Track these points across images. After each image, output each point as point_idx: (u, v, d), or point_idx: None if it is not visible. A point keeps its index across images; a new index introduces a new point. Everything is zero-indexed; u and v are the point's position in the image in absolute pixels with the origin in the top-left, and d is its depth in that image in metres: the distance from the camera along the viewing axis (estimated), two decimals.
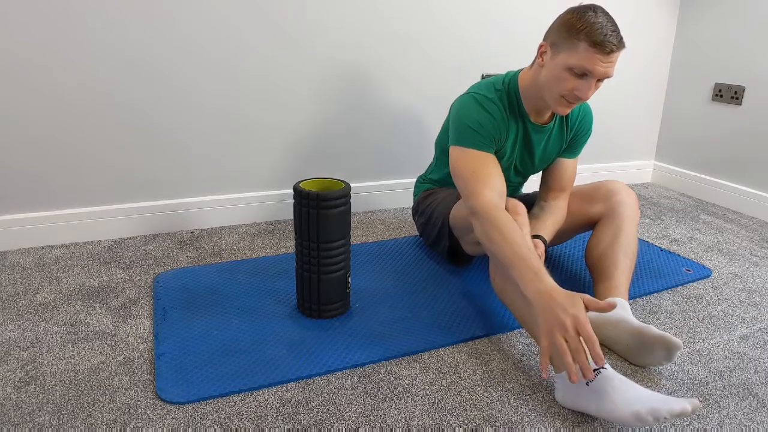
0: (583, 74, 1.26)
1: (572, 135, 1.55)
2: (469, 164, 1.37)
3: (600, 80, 1.28)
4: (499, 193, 1.32)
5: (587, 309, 1.06)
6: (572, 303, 1.05)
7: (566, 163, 1.57)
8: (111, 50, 1.69)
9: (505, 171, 1.55)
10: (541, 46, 1.34)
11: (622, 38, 1.24)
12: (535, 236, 1.40)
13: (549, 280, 1.11)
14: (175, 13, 1.73)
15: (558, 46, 1.28)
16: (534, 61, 1.39)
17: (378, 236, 1.94)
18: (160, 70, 1.76)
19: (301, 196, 1.29)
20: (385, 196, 2.21)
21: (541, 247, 1.38)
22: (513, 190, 1.72)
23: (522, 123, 1.46)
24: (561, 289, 1.09)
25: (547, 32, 1.33)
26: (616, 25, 1.24)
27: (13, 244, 1.74)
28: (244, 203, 2.00)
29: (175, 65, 1.77)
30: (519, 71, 1.45)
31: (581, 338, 1.03)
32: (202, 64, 1.81)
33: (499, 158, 1.46)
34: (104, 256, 1.71)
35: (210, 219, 1.96)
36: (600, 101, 2.48)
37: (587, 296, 1.08)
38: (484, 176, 1.34)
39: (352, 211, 1.75)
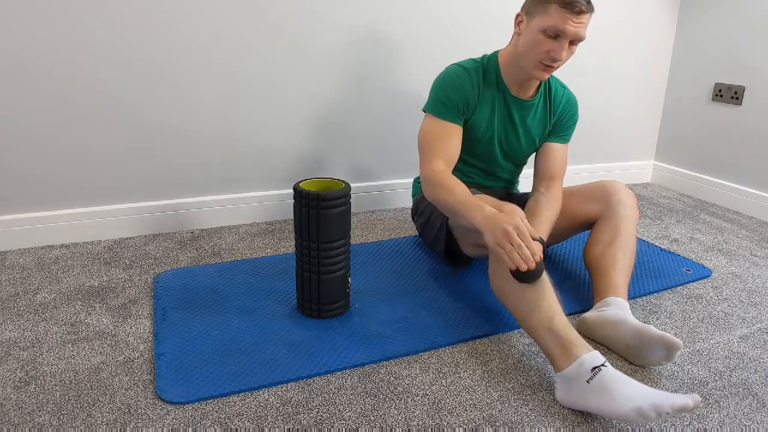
0: (556, 35, 1.35)
1: (556, 118, 1.59)
2: (429, 133, 1.50)
3: (573, 43, 1.37)
4: (448, 161, 1.48)
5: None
6: (511, 216, 1.21)
7: (555, 148, 1.60)
8: (111, 50, 1.69)
9: (488, 147, 1.58)
10: (517, 16, 1.44)
11: (590, 1, 1.34)
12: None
13: (491, 208, 1.26)
14: (175, 13, 1.73)
15: (532, 13, 1.38)
16: (512, 35, 1.49)
17: (378, 236, 1.94)
18: (160, 70, 1.76)
19: (301, 196, 1.29)
20: (385, 196, 2.21)
21: (540, 248, 1.38)
22: (508, 182, 1.72)
23: (501, 95, 1.53)
24: (501, 212, 1.25)
25: (524, 3, 1.43)
26: None
27: (13, 244, 1.74)
28: (244, 203, 2.00)
29: (175, 65, 1.77)
30: (499, 50, 1.55)
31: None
32: (202, 64, 1.81)
33: (475, 129, 1.54)
34: (104, 256, 1.71)
35: (210, 219, 1.96)
36: (600, 101, 2.48)
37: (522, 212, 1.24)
38: (438, 146, 1.48)
39: (352, 211, 1.75)
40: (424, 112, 1.53)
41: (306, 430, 1.03)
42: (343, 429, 1.04)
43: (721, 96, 2.37)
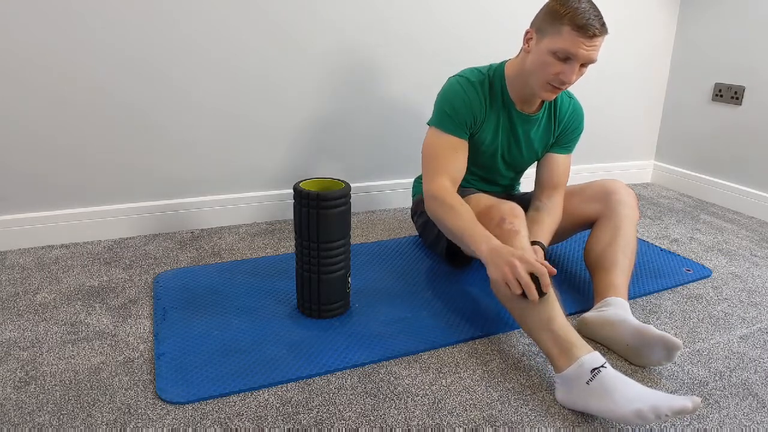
0: (566, 58, 1.31)
1: (561, 130, 1.56)
2: (435, 147, 1.46)
3: (584, 65, 1.33)
4: (454, 179, 1.44)
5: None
6: (517, 250, 1.19)
7: (559, 159, 1.58)
8: (111, 50, 1.69)
9: (491, 159, 1.57)
10: (527, 33, 1.39)
11: (604, 23, 1.29)
12: (533, 242, 1.40)
13: (497, 241, 1.24)
14: (175, 13, 1.73)
15: (543, 32, 1.33)
16: (520, 49, 1.44)
17: (378, 236, 1.94)
18: (160, 70, 1.76)
19: (301, 196, 1.29)
20: (385, 196, 2.21)
21: (540, 253, 1.38)
22: (508, 187, 1.72)
23: (506, 110, 1.50)
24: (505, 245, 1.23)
25: (534, 19, 1.38)
26: (598, 11, 1.29)
27: (13, 244, 1.74)
28: (244, 203, 2.00)
29: (175, 65, 1.77)
30: (506, 61, 1.50)
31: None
32: (202, 64, 1.81)
33: (480, 143, 1.51)
34: (104, 256, 1.71)
35: (210, 219, 1.96)
36: (600, 101, 2.48)
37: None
38: (444, 162, 1.44)
39: (352, 211, 1.75)
40: (429, 125, 1.50)
41: (306, 430, 1.03)
42: (343, 429, 1.04)
43: (721, 96, 2.37)
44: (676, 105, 2.60)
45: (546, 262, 1.19)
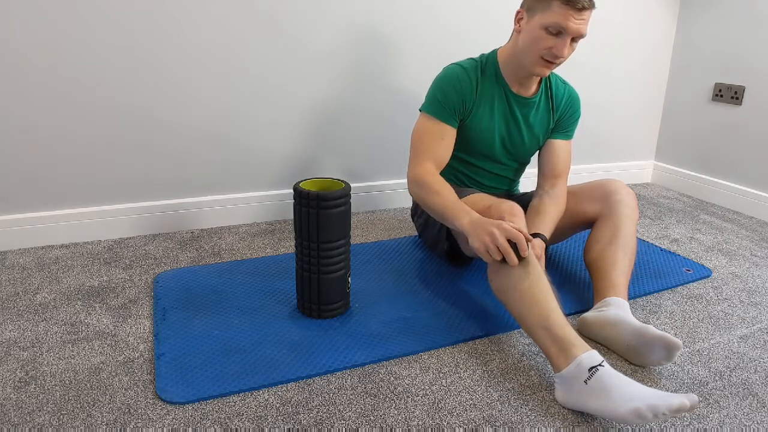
0: (558, 32, 1.35)
1: (559, 114, 1.58)
2: (423, 133, 1.51)
3: (575, 40, 1.37)
4: (438, 164, 1.49)
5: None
6: (496, 220, 1.25)
7: (559, 145, 1.59)
8: (111, 50, 1.69)
9: (490, 146, 1.57)
10: (517, 13, 1.43)
11: None
12: (534, 234, 1.41)
13: (477, 214, 1.31)
14: (175, 12, 1.73)
15: (533, 9, 1.37)
16: (512, 33, 1.48)
17: (378, 236, 1.94)
18: (159, 69, 1.76)
19: (301, 196, 1.29)
20: (385, 196, 2.21)
21: (541, 245, 1.38)
22: (511, 181, 1.71)
23: (502, 93, 1.52)
24: (488, 216, 1.31)
25: (524, 0, 1.42)
26: None
27: (13, 244, 1.74)
28: (244, 203, 2.00)
29: (175, 65, 1.77)
30: (497, 48, 1.54)
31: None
32: (202, 64, 1.81)
33: (474, 127, 1.53)
34: (104, 256, 1.71)
35: (210, 219, 1.96)
36: (600, 101, 2.48)
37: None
38: (429, 147, 1.49)
39: (352, 211, 1.75)
40: (420, 111, 1.53)
41: (306, 430, 1.03)
42: (343, 429, 1.04)
43: (721, 96, 2.37)
44: (676, 105, 2.60)
45: (523, 229, 1.24)
